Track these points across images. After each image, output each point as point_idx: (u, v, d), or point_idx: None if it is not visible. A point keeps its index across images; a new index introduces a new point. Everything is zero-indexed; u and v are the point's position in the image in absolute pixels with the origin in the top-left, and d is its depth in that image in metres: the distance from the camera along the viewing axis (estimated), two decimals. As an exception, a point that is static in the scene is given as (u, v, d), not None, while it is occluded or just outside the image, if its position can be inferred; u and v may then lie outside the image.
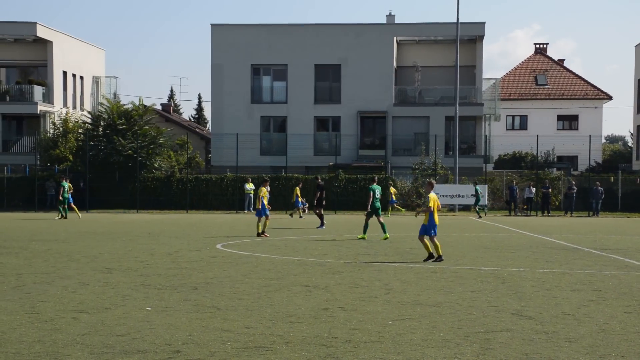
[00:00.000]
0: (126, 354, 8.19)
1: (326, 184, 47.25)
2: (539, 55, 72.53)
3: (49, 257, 18.04)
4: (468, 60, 53.90)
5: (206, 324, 9.79)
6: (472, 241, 24.13)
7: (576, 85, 68.49)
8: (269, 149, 54.58)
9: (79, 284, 13.42)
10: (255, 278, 14.29)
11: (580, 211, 46.31)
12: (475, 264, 17.12)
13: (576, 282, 14.27)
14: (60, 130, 51.85)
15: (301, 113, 53.86)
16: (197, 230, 28.51)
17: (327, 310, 10.86)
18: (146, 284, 13.46)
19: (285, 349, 8.49)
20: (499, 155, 58.89)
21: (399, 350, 8.47)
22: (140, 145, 47.42)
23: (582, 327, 9.89)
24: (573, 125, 66.77)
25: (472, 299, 11.98)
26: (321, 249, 20.49)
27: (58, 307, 10.94)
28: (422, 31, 55.23)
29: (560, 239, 25.51)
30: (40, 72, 57.44)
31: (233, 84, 53.95)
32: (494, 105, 56.02)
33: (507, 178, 49.35)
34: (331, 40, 53.99)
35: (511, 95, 66.56)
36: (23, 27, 55.79)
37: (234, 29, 55.03)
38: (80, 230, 27.82)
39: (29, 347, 8.46)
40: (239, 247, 21.16)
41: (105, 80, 63.58)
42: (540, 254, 19.73)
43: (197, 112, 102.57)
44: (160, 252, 19.28)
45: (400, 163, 52.12)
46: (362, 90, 53.35)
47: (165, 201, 47.50)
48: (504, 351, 8.45)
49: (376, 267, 16.31)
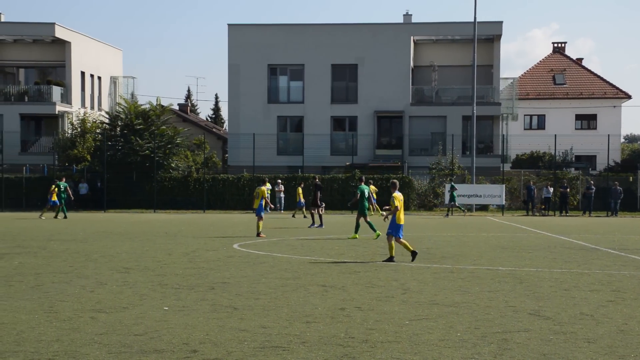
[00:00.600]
0: (144, 353, 8.22)
1: (343, 183, 47.40)
2: (557, 54, 72.14)
3: (67, 256, 18.13)
4: (485, 59, 53.71)
5: (223, 324, 9.81)
6: (490, 241, 24.04)
7: (595, 85, 68.06)
8: (285, 148, 54.60)
9: (97, 283, 13.48)
10: (272, 278, 14.30)
11: (599, 211, 46.03)
12: (493, 264, 17.06)
13: (594, 282, 14.18)
14: (78, 131, 52.12)
15: (318, 113, 53.86)
16: (214, 230, 28.58)
17: (344, 310, 10.84)
18: (163, 283, 13.51)
19: (302, 348, 8.49)
20: (517, 155, 58.61)
21: (416, 350, 8.45)
22: (157, 145, 47.59)
23: (601, 327, 9.82)
24: (591, 125, 66.34)
25: (490, 299, 11.93)
26: (338, 249, 20.48)
27: (76, 307, 11.00)
28: (439, 31, 55.09)
29: (579, 239, 25.36)
30: (59, 72, 57.78)
31: (250, 84, 54.02)
32: (511, 104, 55.79)
33: (525, 178, 49.14)
34: (348, 40, 53.95)
35: (529, 94, 66.24)
36: (41, 28, 56.14)
37: (250, 29, 55.12)
38: (98, 230, 27.95)
39: (48, 346, 8.50)
40: (255, 247, 21.18)
41: (123, 80, 63.86)
42: (558, 254, 19.63)
43: (214, 112, 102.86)
44: (178, 252, 19.34)
45: (417, 163, 51.99)
46: (379, 90, 53.27)
47: (182, 201, 47.65)
48: (521, 351, 8.40)
49: (393, 267, 16.28)
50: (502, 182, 46.78)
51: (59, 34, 55.43)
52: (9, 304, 11.23)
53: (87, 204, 47.16)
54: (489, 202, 46.78)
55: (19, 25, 57.36)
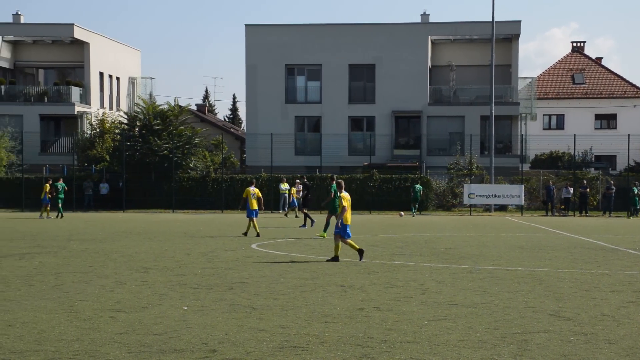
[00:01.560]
0: (163, 352, 8.24)
1: (361, 183, 47.34)
2: (576, 53, 71.70)
3: (87, 256, 18.22)
4: (504, 59, 53.48)
5: (242, 324, 9.82)
6: (509, 241, 23.94)
7: (614, 84, 67.56)
8: (303, 148, 54.61)
9: (117, 283, 13.54)
10: (291, 278, 14.30)
11: (619, 211, 45.72)
12: (512, 265, 16.98)
13: (615, 282, 14.08)
14: (97, 131, 52.42)
15: (335, 113, 53.83)
16: (232, 230, 28.63)
17: (363, 311, 10.83)
18: (182, 283, 13.54)
19: (320, 348, 8.48)
20: (536, 155, 58.31)
21: (435, 351, 8.42)
22: (175, 146, 47.75)
23: (622, 328, 9.75)
24: (611, 124, 65.87)
25: (509, 300, 11.87)
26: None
27: (96, 306, 11.05)
28: (457, 30, 54.91)
29: (599, 239, 25.20)
30: (78, 73, 58.11)
31: (267, 84, 54.07)
32: (530, 104, 55.52)
33: (544, 178, 48.89)
34: (365, 39, 53.89)
35: (548, 94, 65.87)
36: (60, 29, 56.50)
37: (268, 29, 55.17)
38: (118, 230, 28.08)
39: (68, 346, 8.54)
40: (273, 246, 21.20)
41: (141, 80, 64.14)
42: (578, 255, 19.51)
43: (231, 112, 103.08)
44: (196, 252, 19.39)
45: (435, 163, 51.86)
46: (396, 90, 53.16)
47: (200, 201, 47.77)
48: (541, 352, 8.35)
49: (411, 268, 16.25)
50: (521, 182, 46.59)
51: (78, 35, 55.74)
52: (29, 303, 11.31)
53: (106, 204, 47.39)
54: (507, 202, 46.60)
55: (38, 26, 57.75)
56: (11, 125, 50.88)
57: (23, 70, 60.14)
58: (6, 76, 57.71)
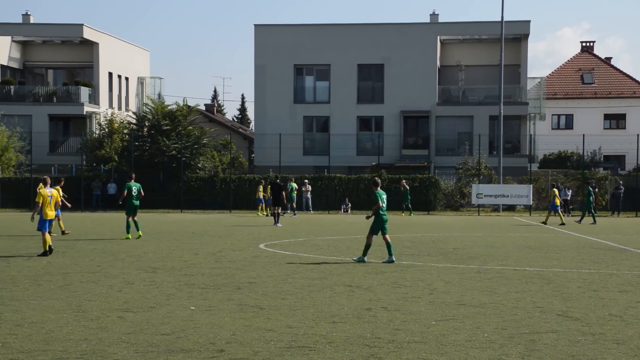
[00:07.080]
0: (171, 352, 8.26)
1: (369, 184, 47.20)
2: (585, 53, 71.49)
3: (95, 256, 18.26)
4: (513, 59, 53.40)
5: (249, 324, 9.83)
6: (517, 241, 23.89)
7: (624, 84, 67.33)
8: (311, 148, 54.62)
9: (124, 283, 13.57)
10: (298, 278, 14.31)
11: (628, 211, 45.57)
12: (520, 265, 16.94)
13: (623, 283, 14.04)
14: (105, 131, 52.53)
15: (344, 113, 53.83)
16: (240, 230, 28.65)
17: (370, 311, 10.83)
18: (190, 283, 13.56)
19: (328, 348, 8.48)
20: (544, 155, 58.18)
21: (443, 351, 8.41)
22: (184, 146, 47.83)
23: (630, 328, 9.72)
24: (620, 124, 65.64)
25: (517, 300, 11.85)
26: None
27: (104, 306, 11.07)
28: (466, 30, 54.86)
29: (607, 239, 25.12)
30: (87, 73, 58.29)
31: (276, 84, 54.11)
32: (539, 104, 55.40)
33: (552, 178, 48.78)
34: (374, 39, 53.87)
35: (557, 94, 65.69)
36: (70, 29, 56.67)
37: (276, 30, 55.21)
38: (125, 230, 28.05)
39: (76, 345, 8.57)
40: (281, 247, 21.21)
41: (150, 81, 64.27)
42: (587, 255, 19.46)
43: (240, 112, 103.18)
44: (204, 252, 19.41)
45: (443, 163, 51.81)
46: (405, 90, 53.12)
47: (208, 201, 47.82)
48: (549, 352, 8.34)
49: (419, 268, 16.24)
50: (530, 182, 46.50)
51: (87, 35, 55.89)
52: (37, 303, 11.34)
53: (114, 204, 47.41)
54: (516, 202, 46.52)
55: (47, 27, 57.93)
56: (20, 125, 51.03)
57: (32, 71, 60.35)
58: (15, 76, 57.95)
